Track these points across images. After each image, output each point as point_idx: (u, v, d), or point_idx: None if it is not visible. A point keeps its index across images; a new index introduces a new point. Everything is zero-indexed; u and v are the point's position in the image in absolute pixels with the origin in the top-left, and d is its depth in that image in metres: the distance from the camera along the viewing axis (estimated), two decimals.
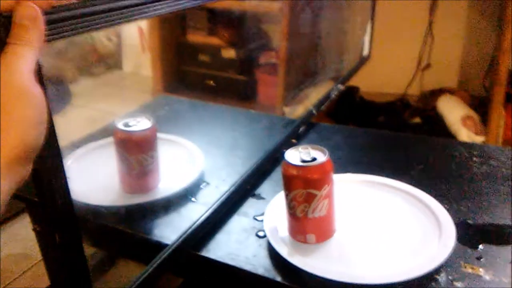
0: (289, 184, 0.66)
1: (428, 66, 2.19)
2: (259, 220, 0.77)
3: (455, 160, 0.93)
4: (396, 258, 0.66)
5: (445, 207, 0.74)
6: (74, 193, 0.49)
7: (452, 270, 0.64)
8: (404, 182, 0.81)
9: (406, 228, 0.73)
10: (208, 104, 1.23)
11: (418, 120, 2.05)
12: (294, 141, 1.03)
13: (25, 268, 1.50)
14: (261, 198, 0.84)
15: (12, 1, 0.37)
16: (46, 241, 0.50)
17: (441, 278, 0.63)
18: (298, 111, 1.18)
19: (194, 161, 0.91)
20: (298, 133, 1.05)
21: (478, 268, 0.65)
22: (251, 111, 1.20)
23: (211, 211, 0.75)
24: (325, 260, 0.66)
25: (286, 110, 1.25)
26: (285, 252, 0.67)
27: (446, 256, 0.64)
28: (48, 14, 0.40)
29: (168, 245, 0.68)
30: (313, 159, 0.65)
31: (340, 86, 1.28)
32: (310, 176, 0.64)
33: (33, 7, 0.38)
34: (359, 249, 0.69)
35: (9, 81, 0.35)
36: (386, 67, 2.09)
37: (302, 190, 0.64)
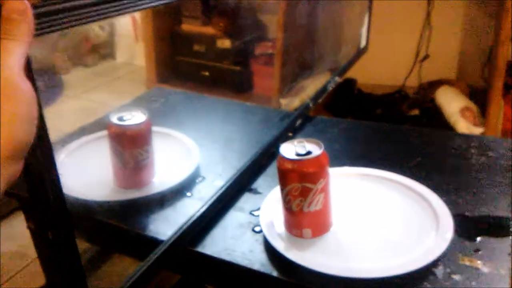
0: (284, 178, 0.65)
1: (426, 57, 2.18)
2: (255, 215, 0.76)
3: (453, 152, 0.92)
4: (393, 252, 0.65)
5: (442, 200, 0.74)
6: (68, 188, 0.49)
7: (449, 262, 0.64)
8: (401, 175, 0.81)
9: (403, 221, 0.72)
10: (203, 96, 1.22)
11: (416, 112, 2.04)
12: (291, 134, 1.02)
13: (21, 266, 1.49)
14: (257, 193, 0.83)
15: None
16: (39, 238, 0.49)
17: (438, 271, 0.63)
18: (294, 103, 1.17)
19: (190, 155, 0.90)
20: (295, 126, 1.04)
21: (476, 260, 0.64)
22: (247, 104, 1.19)
23: (207, 206, 0.75)
24: (321, 254, 0.66)
25: (282, 102, 1.24)
26: (281, 247, 0.66)
27: (443, 249, 0.64)
28: (37, 7, 0.39)
29: (163, 241, 0.68)
30: (308, 153, 0.65)
31: (337, 78, 1.27)
32: (305, 170, 0.63)
33: (21, 1, 0.37)
34: (356, 242, 0.68)
35: None
36: (384, 59, 2.08)
37: (298, 184, 0.64)
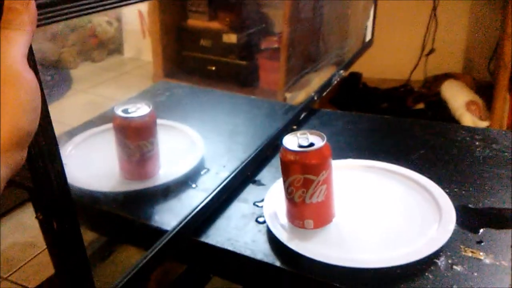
0: (287, 169, 0.66)
1: (432, 51, 2.17)
2: (259, 206, 0.77)
3: (457, 144, 0.92)
4: (395, 242, 0.66)
5: (445, 191, 0.74)
6: (75, 179, 0.49)
7: (452, 253, 0.64)
8: (404, 167, 0.81)
9: (405, 212, 0.72)
10: (208, 89, 1.23)
11: (421, 106, 2.04)
12: (295, 127, 1.02)
13: (30, 256, 1.51)
14: (261, 184, 0.84)
15: None
16: (45, 227, 0.50)
17: (440, 262, 0.63)
18: (300, 97, 1.17)
19: (195, 147, 0.90)
20: (299, 119, 1.05)
21: (478, 252, 0.65)
22: (252, 97, 1.19)
23: (211, 197, 0.75)
24: (324, 245, 0.66)
25: (287, 95, 1.24)
26: (284, 237, 0.67)
27: (445, 240, 0.64)
28: None
29: (168, 230, 0.68)
30: (310, 145, 0.65)
31: (342, 72, 1.27)
32: (307, 161, 0.64)
33: None
34: (358, 233, 0.69)
35: (1, 66, 0.34)
36: (390, 53, 2.08)
37: (300, 175, 0.64)
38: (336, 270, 0.61)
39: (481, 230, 0.69)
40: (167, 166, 0.84)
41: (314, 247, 0.65)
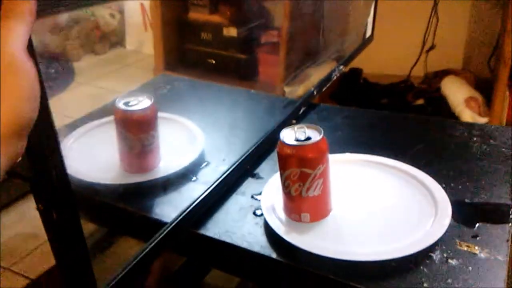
0: (283, 163, 0.66)
1: (432, 47, 2.17)
2: (257, 199, 0.78)
3: (455, 139, 0.92)
4: (391, 236, 0.66)
5: (442, 186, 0.75)
6: (76, 171, 0.49)
7: (447, 247, 0.65)
8: (402, 162, 0.81)
9: (402, 206, 0.73)
10: (209, 83, 1.23)
11: (421, 102, 2.04)
12: (294, 121, 1.03)
13: (33, 247, 1.52)
14: (259, 177, 0.84)
15: None
16: (45, 218, 0.51)
17: (435, 256, 0.64)
18: (299, 91, 1.17)
19: (195, 140, 0.91)
20: (298, 114, 1.05)
21: (474, 246, 0.65)
22: (252, 91, 1.19)
23: (211, 190, 0.76)
24: (321, 238, 0.67)
25: (287, 90, 1.24)
26: (281, 230, 0.67)
27: (441, 234, 0.64)
28: None
29: (167, 223, 0.69)
30: (308, 138, 0.66)
31: (342, 68, 1.27)
32: (304, 155, 0.64)
33: None
34: (355, 227, 0.69)
35: (1, 54, 0.34)
36: (391, 49, 2.07)
37: (297, 169, 0.65)
38: (332, 263, 0.62)
39: (477, 225, 0.69)
40: (167, 159, 0.85)
41: (311, 240, 0.65)
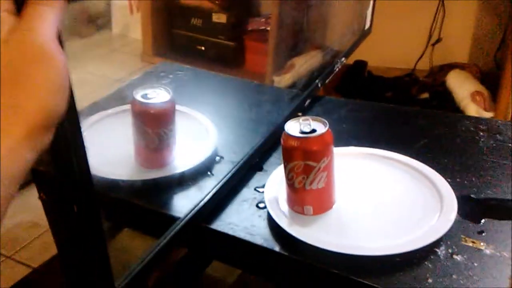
0: (288, 155, 0.66)
1: (439, 40, 2.15)
2: (260, 191, 0.77)
3: (461, 134, 0.91)
4: (395, 231, 0.66)
5: (448, 181, 0.74)
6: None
7: (452, 243, 0.64)
8: (407, 156, 0.81)
9: (407, 201, 0.72)
10: (211, 73, 1.21)
11: (426, 95, 2.02)
12: (300, 114, 1.02)
13: (34, 236, 1.53)
14: (263, 170, 0.83)
15: None
16: (54, 209, 0.49)
17: (440, 251, 0.63)
18: (287, 81, 1.15)
19: (207, 134, 0.88)
20: (303, 106, 1.04)
21: (479, 242, 0.64)
22: (255, 83, 1.18)
23: (222, 185, 0.74)
24: (324, 231, 0.66)
25: (276, 79, 1.22)
26: (284, 223, 0.67)
27: (446, 229, 0.64)
28: None
29: (176, 217, 0.68)
30: (312, 131, 0.65)
31: (343, 59, 1.26)
32: (308, 147, 0.63)
33: None
34: (358, 221, 0.69)
35: (31, 43, 0.32)
36: (396, 42, 2.06)
37: (301, 161, 0.64)
38: (335, 256, 0.61)
39: (482, 221, 0.68)
40: (182, 154, 0.82)
41: (314, 233, 0.65)
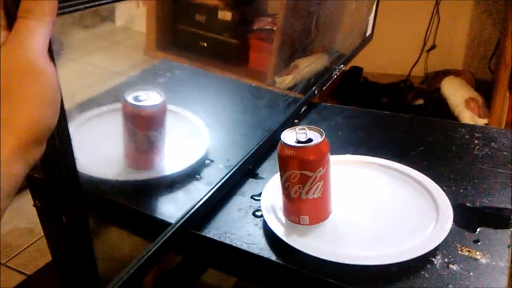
0: (284, 164, 0.65)
1: (433, 47, 2.17)
2: (257, 199, 0.77)
3: (456, 142, 0.92)
4: (391, 240, 0.66)
5: (443, 189, 0.74)
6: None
7: (448, 252, 0.64)
8: (403, 164, 0.81)
9: (402, 210, 0.72)
10: (210, 73, 1.21)
11: (421, 102, 2.03)
12: (296, 121, 1.02)
13: (29, 242, 1.52)
14: (260, 178, 0.83)
15: None
16: (49, 216, 0.49)
17: (436, 261, 0.63)
18: (289, 83, 1.15)
19: (199, 136, 0.87)
20: (299, 113, 1.04)
21: (475, 251, 0.65)
22: (253, 85, 1.17)
23: (214, 191, 0.74)
24: (321, 240, 0.66)
25: (277, 80, 1.22)
26: (281, 232, 0.67)
27: (442, 238, 0.64)
28: None
29: (170, 223, 0.68)
30: (309, 140, 0.65)
31: (342, 66, 1.27)
32: (305, 157, 0.63)
33: None
34: (355, 230, 0.69)
35: (22, 58, 0.33)
36: (391, 48, 2.07)
37: (297, 171, 0.64)
38: (331, 266, 0.61)
39: (478, 229, 0.68)
40: (172, 156, 0.81)
41: (310, 243, 0.65)
